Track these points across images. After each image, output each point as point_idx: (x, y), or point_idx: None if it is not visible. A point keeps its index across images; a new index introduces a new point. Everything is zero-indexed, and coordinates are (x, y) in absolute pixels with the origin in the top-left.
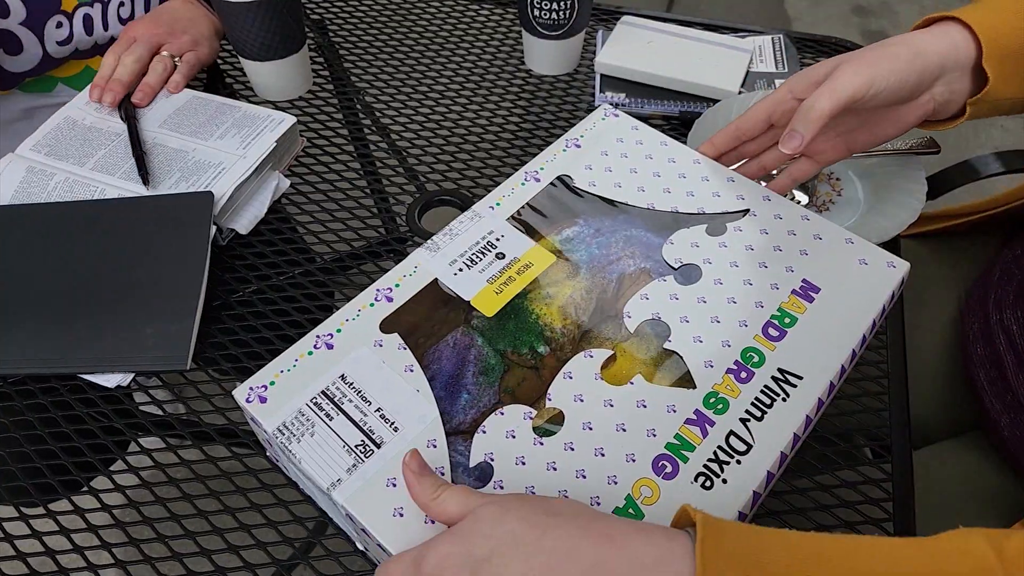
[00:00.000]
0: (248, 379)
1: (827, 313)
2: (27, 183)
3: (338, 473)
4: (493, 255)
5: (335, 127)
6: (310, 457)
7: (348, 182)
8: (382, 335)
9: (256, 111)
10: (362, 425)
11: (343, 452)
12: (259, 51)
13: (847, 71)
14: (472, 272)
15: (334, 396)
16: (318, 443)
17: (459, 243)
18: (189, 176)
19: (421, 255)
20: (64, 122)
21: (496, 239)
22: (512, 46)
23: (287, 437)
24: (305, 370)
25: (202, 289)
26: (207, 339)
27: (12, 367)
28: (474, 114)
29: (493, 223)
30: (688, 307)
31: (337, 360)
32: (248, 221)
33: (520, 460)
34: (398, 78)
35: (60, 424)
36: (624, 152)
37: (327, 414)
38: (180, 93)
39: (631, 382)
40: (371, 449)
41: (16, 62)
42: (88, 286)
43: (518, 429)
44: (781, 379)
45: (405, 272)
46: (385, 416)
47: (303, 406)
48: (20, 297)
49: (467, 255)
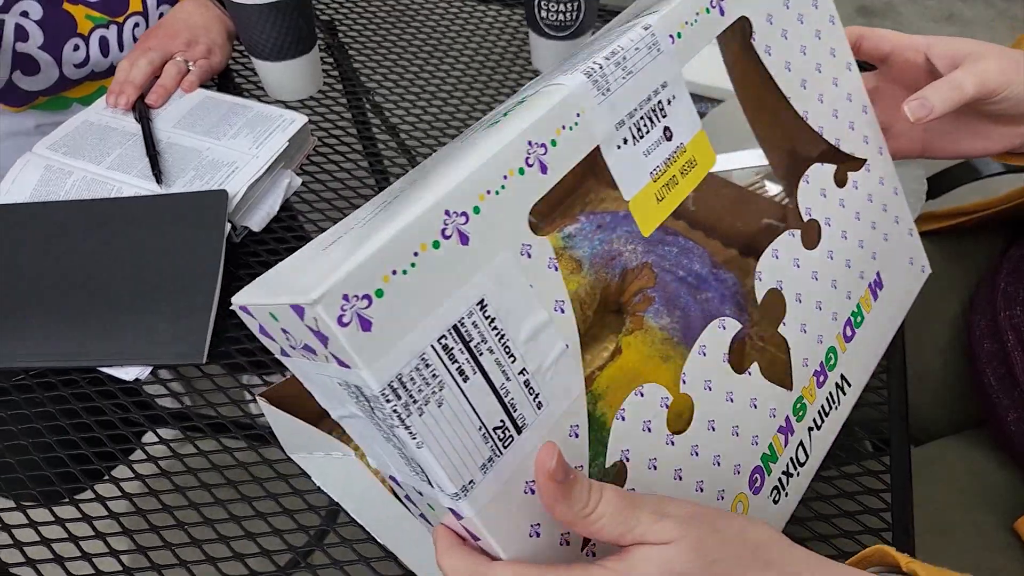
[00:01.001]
0: (325, 277)
1: (881, 315)
2: (45, 181)
3: (470, 472)
4: (660, 129)
5: (345, 126)
6: (436, 442)
7: (358, 180)
8: (532, 236)
9: (268, 111)
10: (503, 395)
11: (479, 438)
12: (271, 51)
13: (992, 64)
14: (636, 150)
15: (470, 338)
16: (447, 419)
17: (631, 88)
18: (203, 175)
19: (585, 90)
20: (82, 124)
21: (668, 100)
22: (519, 47)
23: (404, 404)
24: (427, 276)
25: (218, 285)
26: (222, 334)
27: (33, 360)
28: (481, 114)
29: (669, 68)
30: (804, 280)
31: (474, 267)
32: (261, 218)
33: (652, 463)
34: (407, 78)
35: (80, 415)
36: (800, 15)
37: (460, 369)
38: (193, 93)
39: (748, 371)
40: (510, 435)
41: (32, 82)
42: (107, 282)
43: (655, 420)
44: (840, 385)
45: (565, 121)
46: (530, 383)
47: (428, 349)
48: (41, 293)
49: (637, 116)
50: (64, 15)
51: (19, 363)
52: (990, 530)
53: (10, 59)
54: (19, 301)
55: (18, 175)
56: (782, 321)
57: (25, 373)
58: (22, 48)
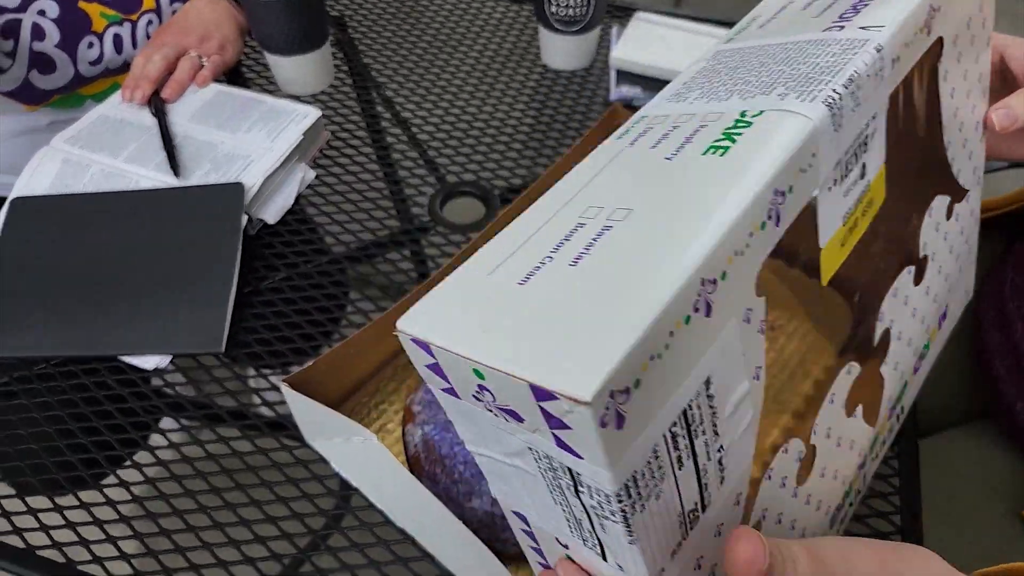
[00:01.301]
0: (585, 368)
1: (938, 344)
2: (63, 175)
3: (663, 560)
4: (860, 167)
5: (356, 120)
6: (646, 537)
7: (371, 173)
8: (755, 299)
9: (282, 105)
10: (702, 475)
11: (675, 523)
12: (284, 46)
13: None
14: (838, 191)
15: (693, 421)
16: (659, 511)
17: (855, 121)
18: (219, 167)
19: (825, 125)
20: (98, 119)
21: (872, 133)
22: (528, 42)
23: (632, 503)
24: (676, 356)
25: (235, 276)
26: (240, 323)
27: (55, 349)
28: (492, 108)
29: (882, 96)
30: (906, 318)
31: (708, 341)
32: (276, 211)
33: (779, 518)
34: (417, 73)
35: (103, 403)
36: (973, 35)
37: (679, 457)
38: (207, 88)
39: (855, 413)
40: (698, 515)
41: (48, 80)
42: (126, 273)
43: (789, 476)
44: (899, 415)
45: (802, 163)
46: (722, 460)
47: (660, 439)
48: (61, 283)
49: (850, 153)
50: (80, 13)
51: (41, 352)
52: (998, 519)
53: (27, 58)
54: (40, 292)
55: (37, 168)
56: (884, 360)
57: (47, 362)
58: (39, 47)
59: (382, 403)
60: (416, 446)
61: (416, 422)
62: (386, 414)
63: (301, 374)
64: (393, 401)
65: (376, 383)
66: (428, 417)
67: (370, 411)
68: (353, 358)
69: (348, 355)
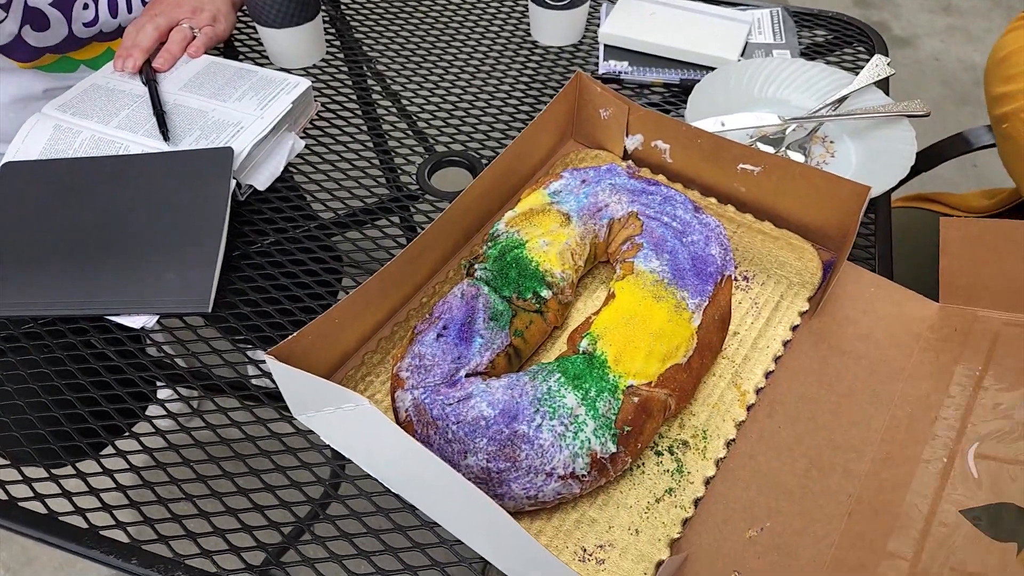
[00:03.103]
0: None
1: None
2: (55, 140)
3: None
4: None
5: (347, 92)
6: None
7: (360, 143)
8: None
9: (273, 75)
10: None
11: None
12: (275, 19)
13: None
14: None
15: None
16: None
17: None
18: (209, 134)
19: None
20: (90, 87)
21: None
22: (519, 18)
23: None
24: None
25: (222, 237)
26: (227, 286)
27: (44, 309)
28: (481, 82)
29: None
30: None
31: None
32: (266, 178)
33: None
34: (408, 48)
35: (88, 360)
36: None
37: None
38: (199, 59)
39: None
40: None
41: (41, 37)
42: (115, 235)
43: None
44: None
45: None
46: None
47: None
48: (51, 245)
49: None
50: None
51: (30, 312)
52: None
53: (21, 12)
54: (32, 253)
55: (28, 134)
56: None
57: (34, 321)
58: (33, 3)
59: (368, 375)
60: (407, 411)
61: (406, 387)
62: (373, 385)
63: (286, 346)
64: (379, 373)
65: (361, 355)
66: (417, 382)
67: (357, 383)
68: (338, 330)
69: (333, 326)
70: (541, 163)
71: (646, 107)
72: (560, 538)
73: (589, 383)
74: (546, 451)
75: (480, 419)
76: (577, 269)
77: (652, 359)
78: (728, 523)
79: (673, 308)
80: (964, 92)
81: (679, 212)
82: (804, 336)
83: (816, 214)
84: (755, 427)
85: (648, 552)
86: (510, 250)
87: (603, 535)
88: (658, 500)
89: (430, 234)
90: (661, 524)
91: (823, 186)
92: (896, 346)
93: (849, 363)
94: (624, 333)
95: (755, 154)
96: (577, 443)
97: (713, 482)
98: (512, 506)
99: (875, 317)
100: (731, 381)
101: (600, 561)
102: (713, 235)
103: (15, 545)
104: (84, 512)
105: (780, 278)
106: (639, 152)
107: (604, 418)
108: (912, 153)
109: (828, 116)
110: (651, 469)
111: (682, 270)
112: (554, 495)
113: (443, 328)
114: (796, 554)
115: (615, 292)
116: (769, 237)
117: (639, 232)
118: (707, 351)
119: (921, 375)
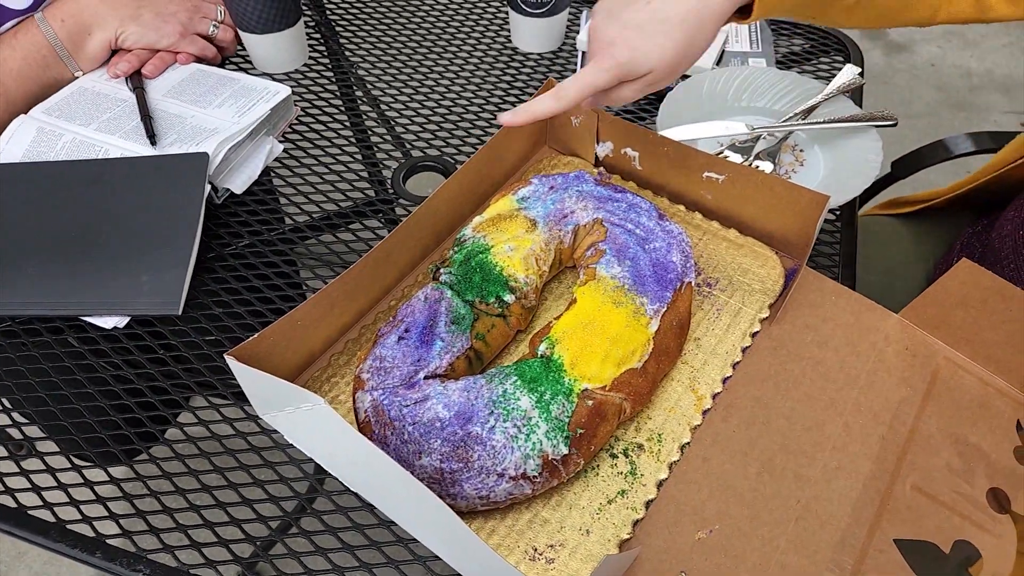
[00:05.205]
0: None
1: None
2: (37, 143)
3: None
4: None
5: (328, 98)
6: None
7: (338, 148)
8: None
9: (255, 83)
10: None
11: None
12: (258, 24)
13: None
14: None
15: None
16: None
17: None
18: (186, 139)
19: None
20: (77, 90)
21: None
22: (500, 25)
23: None
24: None
25: (196, 241)
26: (200, 287)
27: (20, 308)
28: (460, 87)
29: None
30: None
31: None
32: (243, 181)
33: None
34: (390, 53)
35: (63, 360)
36: None
37: None
38: (186, 67)
39: None
40: None
41: None
42: (90, 237)
43: None
44: None
45: None
46: None
47: None
48: (28, 246)
49: None
50: None
51: (6, 311)
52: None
53: None
54: (9, 254)
55: (12, 136)
56: None
57: (12, 320)
58: None
59: (333, 376)
60: (366, 412)
61: (365, 388)
62: (338, 386)
63: (248, 347)
64: (344, 374)
65: (328, 357)
66: (377, 383)
67: (322, 384)
68: (302, 331)
69: (295, 328)
70: (515, 168)
71: (619, 115)
72: (512, 537)
73: (544, 386)
74: (498, 452)
75: (436, 420)
76: (541, 274)
77: (608, 363)
78: (678, 524)
79: (631, 313)
80: (960, 98)
81: (643, 219)
82: (763, 342)
83: (779, 222)
84: (710, 430)
85: (597, 552)
86: (475, 255)
87: (554, 535)
88: (610, 501)
89: (395, 238)
90: (612, 525)
91: (784, 194)
92: (854, 355)
93: (807, 369)
94: (581, 337)
95: (720, 163)
96: (529, 445)
97: (666, 484)
98: (465, 506)
99: (834, 325)
100: (689, 386)
101: (550, 560)
102: (675, 242)
103: (5, 541)
104: (52, 507)
105: (742, 285)
106: (610, 159)
107: (557, 420)
108: (878, 163)
109: (796, 125)
110: (605, 471)
111: (643, 276)
112: (506, 495)
113: (405, 331)
114: (743, 556)
115: (576, 297)
116: (734, 244)
117: (603, 238)
118: (664, 356)
119: (875, 387)
